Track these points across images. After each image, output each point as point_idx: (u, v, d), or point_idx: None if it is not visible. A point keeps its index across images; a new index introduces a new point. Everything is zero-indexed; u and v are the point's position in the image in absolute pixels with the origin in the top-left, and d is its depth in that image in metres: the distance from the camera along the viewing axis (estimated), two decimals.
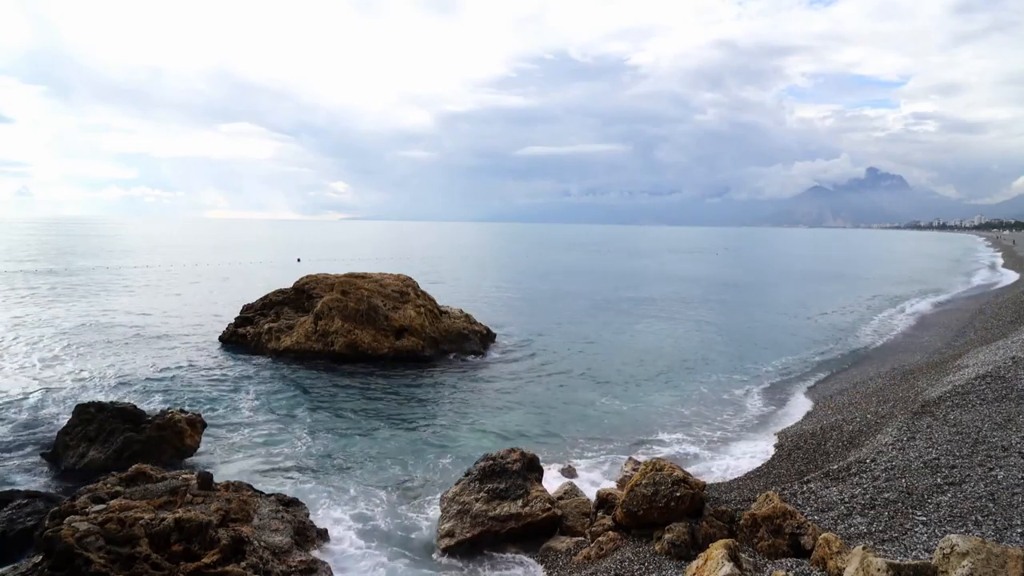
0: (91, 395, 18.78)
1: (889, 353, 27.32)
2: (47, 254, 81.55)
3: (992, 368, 17.34)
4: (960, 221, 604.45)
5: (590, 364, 25.10)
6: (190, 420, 15.20)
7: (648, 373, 23.76)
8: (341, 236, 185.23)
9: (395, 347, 25.30)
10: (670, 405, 19.65)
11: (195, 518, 9.18)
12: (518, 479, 11.82)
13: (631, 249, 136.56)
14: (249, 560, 9.02)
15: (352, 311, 25.57)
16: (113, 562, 8.28)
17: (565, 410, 19.17)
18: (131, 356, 24.52)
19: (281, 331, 26.06)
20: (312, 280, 28.32)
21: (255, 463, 14.75)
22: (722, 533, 9.56)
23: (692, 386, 21.95)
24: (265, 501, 11.04)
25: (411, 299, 27.27)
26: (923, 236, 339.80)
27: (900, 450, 12.02)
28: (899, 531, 8.82)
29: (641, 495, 10.21)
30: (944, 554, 6.09)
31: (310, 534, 10.87)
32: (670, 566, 9.02)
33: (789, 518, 9.11)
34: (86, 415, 14.86)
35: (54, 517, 9.12)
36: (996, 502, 9.17)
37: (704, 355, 26.95)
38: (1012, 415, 13.02)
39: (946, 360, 21.92)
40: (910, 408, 15.10)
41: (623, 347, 28.50)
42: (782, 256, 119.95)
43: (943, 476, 10.41)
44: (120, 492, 10.16)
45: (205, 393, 19.95)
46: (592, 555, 10.05)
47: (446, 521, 11.42)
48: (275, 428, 17.00)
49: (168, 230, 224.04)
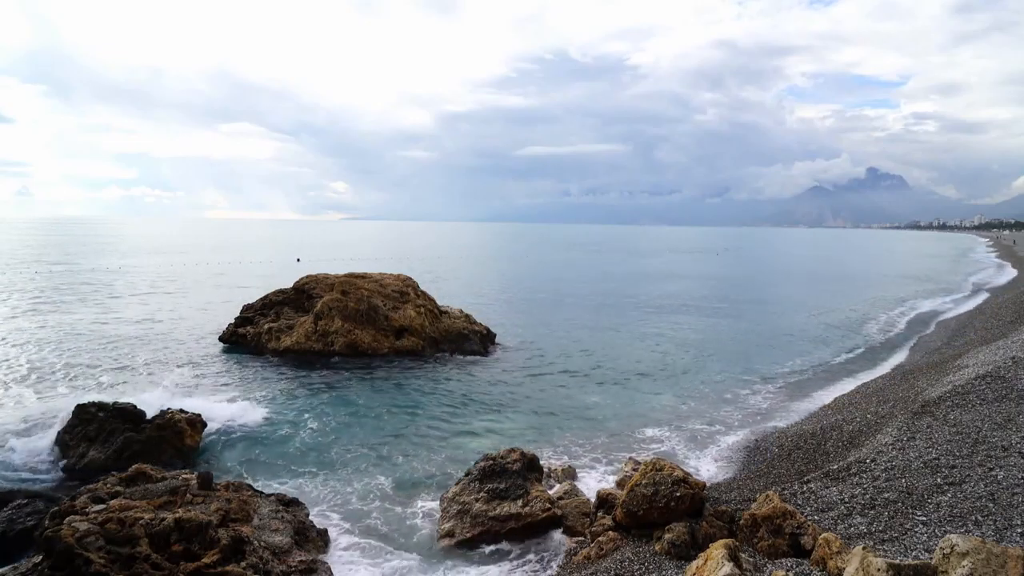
0: (91, 395, 18.77)
1: (889, 353, 27.34)
2: (48, 254, 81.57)
3: (992, 368, 17.35)
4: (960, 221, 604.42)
5: (590, 364, 25.10)
6: (190, 420, 15.21)
7: (649, 373, 23.76)
8: (341, 236, 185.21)
9: (395, 347, 25.30)
10: (671, 405, 19.65)
11: (195, 518, 9.18)
12: (518, 479, 11.83)
13: (631, 249, 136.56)
14: (249, 560, 9.02)
15: (352, 311, 25.58)
16: (113, 562, 8.28)
17: (565, 410, 19.16)
18: (131, 356, 24.52)
19: (281, 331, 26.06)
20: (312, 280, 28.31)
21: (255, 463, 14.75)
22: (722, 533, 9.56)
23: (694, 386, 21.95)
24: (265, 501, 11.04)
25: (411, 299, 27.28)
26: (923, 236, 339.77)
27: (900, 450, 12.02)
28: (899, 531, 8.82)
29: (641, 495, 10.21)
30: (944, 554, 6.09)
31: (310, 534, 10.87)
32: (670, 566, 9.02)
33: (789, 518, 9.10)
34: (86, 415, 14.87)
35: (54, 517, 9.12)
36: (996, 502, 9.17)
37: (706, 355, 26.94)
38: (1012, 415, 13.03)
39: (946, 360, 21.92)
40: (910, 408, 15.10)
41: (623, 347, 28.49)
42: (782, 256, 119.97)
43: (943, 476, 10.41)
44: (120, 492, 10.16)
45: (205, 393, 19.94)
46: (592, 555, 10.05)
47: (446, 521, 11.42)
48: (275, 428, 17.00)
49: (168, 230, 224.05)
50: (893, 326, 34.60)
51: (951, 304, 43.47)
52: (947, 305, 43.11)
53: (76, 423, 14.80)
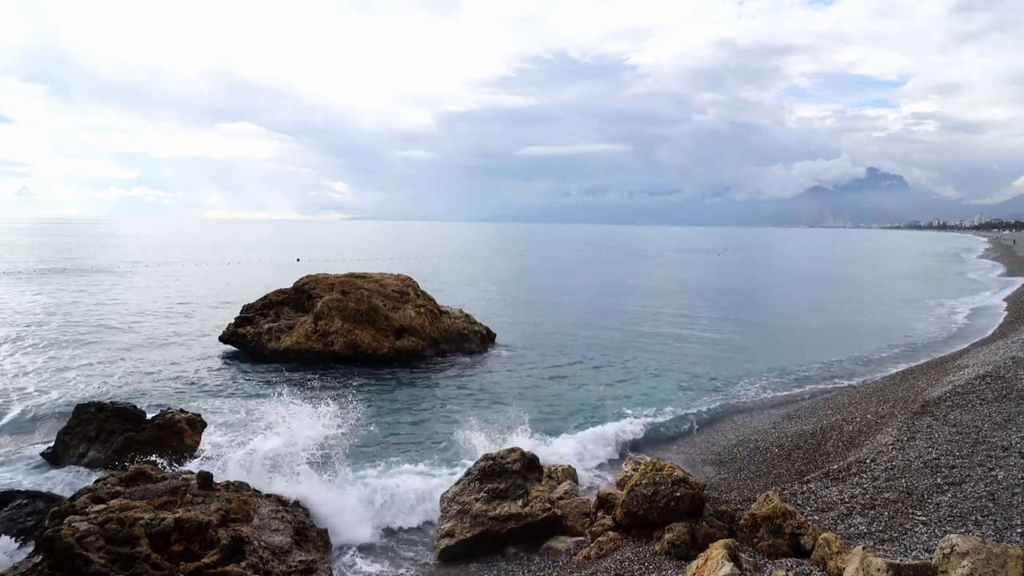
0: (91, 395, 18.77)
1: (889, 353, 27.31)
2: (48, 254, 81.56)
3: (992, 368, 17.35)
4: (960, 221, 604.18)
5: (591, 364, 25.09)
6: (190, 420, 15.20)
7: (649, 373, 23.75)
8: (341, 236, 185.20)
9: (395, 347, 25.29)
10: (671, 405, 19.63)
11: (195, 518, 9.18)
12: (518, 479, 11.82)
13: (631, 249, 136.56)
14: (249, 560, 9.01)
15: (352, 311, 25.57)
16: (113, 562, 8.27)
17: (565, 410, 19.16)
18: (131, 356, 24.52)
19: (281, 331, 26.05)
20: (312, 280, 28.31)
21: (255, 463, 14.72)
22: (722, 533, 9.56)
23: (694, 385, 21.93)
24: (265, 501, 11.03)
25: (411, 299, 27.27)
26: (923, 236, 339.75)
27: (900, 450, 12.02)
28: (899, 531, 8.81)
29: (641, 495, 10.21)
30: (944, 554, 6.09)
31: (310, 534, 10.86)
32: (670, 566, 9.01)
33: (789, 518, 9.10)
34: (86, 415, 14.87)
35: (54, 517, 9.11)
36: (996, 502, 9.17)
37: (707, 355, 26.93)
38: (1012, 415, 13.03)
39: (946, 360, 21.93)
40: (910, 408, 15.09)
41: (624, 347, 28.48)
42: (782, 256, 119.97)
43: (943, 476, 10.41)
44: (120, 492, 10.15)
45: (205, 393, 19.95)
46: (592, 555, 10.04)
47: (446, 521, 11.42)
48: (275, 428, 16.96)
49: (168, 230, 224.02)
50: (893, 326, 34.59)
51: (951, 304, 43.45)
52: (947, 306, 43.10)
53: (76, 423, 14.80)
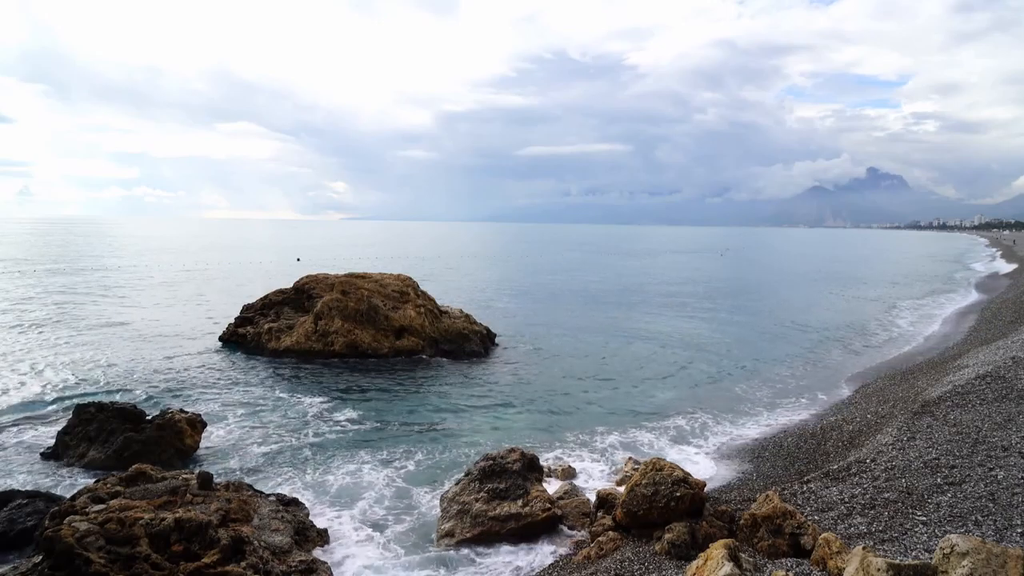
0: (91, 395, 18.78)
1: (889, 353, 27.30)
2: (49, 254, 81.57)
3: (992, 368, 17.35)
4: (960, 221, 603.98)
5: (591, 364, 25.09)
6: (190, 420, 15.20)
7: (649, 373, 23.75)
8: (341, 236, 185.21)
9: (395, 347, 25.29)
10: (671, 405, 19.63)
11: (195, 518, 9.18)
12: (518, 479, 11.82)
13: (631, 249, 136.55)
14: (249, 560, 9.01)
15: (352, 311, 25.57)
16: (113, 562, 8.27)
17: (565, 410, 19.16)
18: (131, 356, 24.51)
19: (281, 331, 26.06)
20: (312, 280, 28.31)
21: (255, 463, 14.74)
22: (722, 533, 9.56)
23: (694, 386, 21.94)
24: (265, 501, 11.03)
25: (411, 299, 27.27)
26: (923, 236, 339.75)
27: (900, 450, 12.02)
28: (899, 531, 8.81)
29: (641, 495, 10.20)
30: (944, 554, 6.09)
31: (310, 534, 10.86)
32: (670, 566, 9.01)
33: (789, 518, 9.10)
34: (86, 415, 14.87)
35: (54, 517, 9.12)
36: (996, 502, 9.17)
37: (706, 355, 26.92)
38: (1012, 415, 13.03)
39: (946, 360, 21.93)
40: (910, 408, 15.10)
41: (623, 347, 28.48)
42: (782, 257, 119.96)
43: (943, 476, 10.40)
44: (120, 492, 10.16)
45: (205, 393, 19.95)
46: (592, 555, 10.04)
47: (446, 521, 11.41)
48: (275, 428, 16.99)
49: (168, 230, 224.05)
50: (893, 326, 34.59)
51: (951, 304, 43.45)
52: (947, 305, 43.08)
53: (76, 423, 14.80)
